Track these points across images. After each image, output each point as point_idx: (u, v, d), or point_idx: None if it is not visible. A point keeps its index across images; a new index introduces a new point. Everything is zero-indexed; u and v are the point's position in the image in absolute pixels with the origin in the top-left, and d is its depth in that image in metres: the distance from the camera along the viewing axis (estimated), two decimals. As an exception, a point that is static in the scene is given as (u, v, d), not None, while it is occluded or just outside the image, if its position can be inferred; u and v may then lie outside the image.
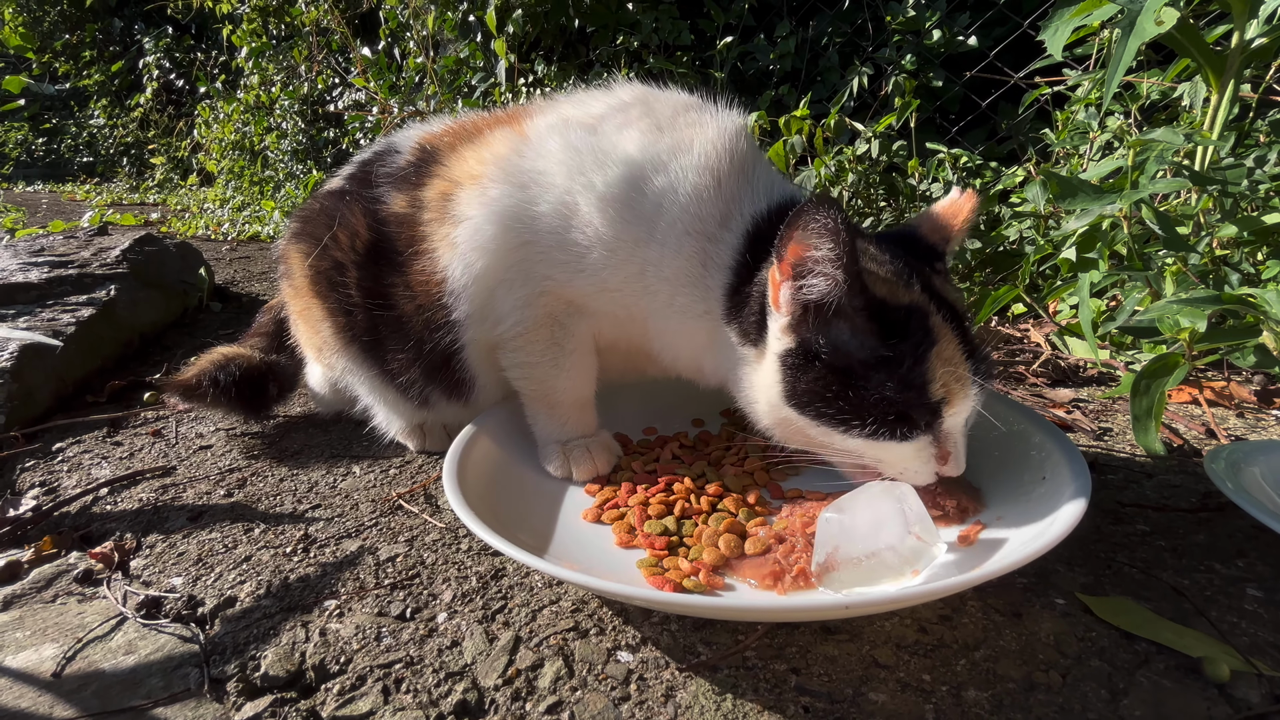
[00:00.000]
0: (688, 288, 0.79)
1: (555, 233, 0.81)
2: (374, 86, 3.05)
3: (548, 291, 0.84)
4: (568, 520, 0.81)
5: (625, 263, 0.80)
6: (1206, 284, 1.15)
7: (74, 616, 0.74)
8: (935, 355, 0.66)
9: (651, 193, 0.79)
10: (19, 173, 7.67)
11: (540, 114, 0.89)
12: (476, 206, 0.84)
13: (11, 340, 1.27)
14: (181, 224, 3.64)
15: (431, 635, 0.67)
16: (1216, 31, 1.27)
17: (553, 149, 0.82)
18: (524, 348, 0.87)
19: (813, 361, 0.68)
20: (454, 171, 0.89)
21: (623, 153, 0.80)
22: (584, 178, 0.80)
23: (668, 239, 0.78)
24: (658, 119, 0.83)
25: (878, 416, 0.67)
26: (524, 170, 0.83)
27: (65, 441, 1.17)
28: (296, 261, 1.02)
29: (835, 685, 0.59)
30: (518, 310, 0.85)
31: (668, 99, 0.86)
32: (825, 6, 2.39)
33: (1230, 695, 0.56)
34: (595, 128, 0.83)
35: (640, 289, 0.81)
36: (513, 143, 0.86)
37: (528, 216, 0.82)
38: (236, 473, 1.04)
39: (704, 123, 0.82)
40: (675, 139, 0.81)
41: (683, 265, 0.78)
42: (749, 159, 0.82)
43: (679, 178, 0.78)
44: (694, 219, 0.78)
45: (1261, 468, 0.79)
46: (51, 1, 6.71)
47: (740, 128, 0.83)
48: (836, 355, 0.67)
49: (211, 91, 4.65)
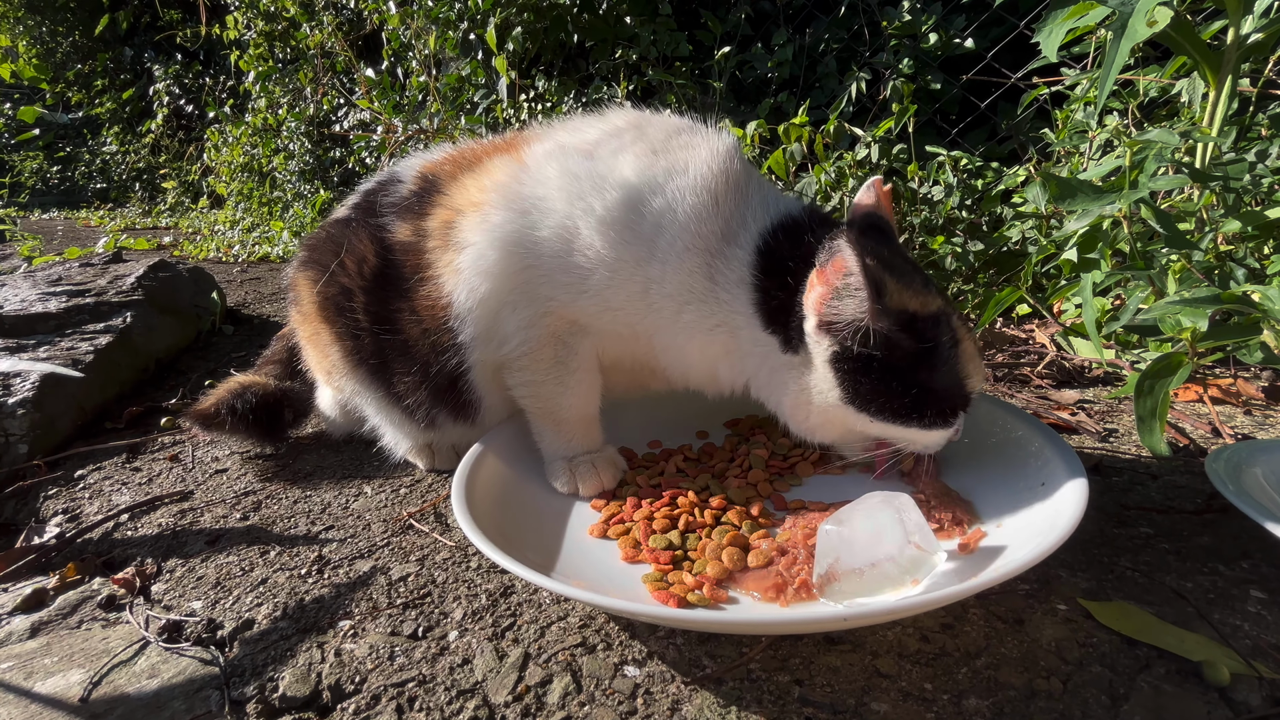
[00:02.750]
0: (694, 303, 0.81)
1: (558, 256, 0.83)
2: (378, 106, 3.09)
3: (551, 312, 0.86)
4: (574, 536, 0.82)
5: (627, 282, 0.82)
6: (1211, 281, 1.15)
7: (99, 642, 0.77)
8: (963, 353, 0.75)
9: (650, 214, 0.81)
10: (35, 200, 7.82)
11: (537, 141, 0.91)
12: (479, 233, 0.86)
13: (34, 371, 1.31)
14: (193, 247, 3.70)
15: (443, 653, 0.69)
16: (1213, 27, 1.28)
17: (551, 175, 0.85)
18: (529, 367, 0.89)
19: (869, 365, 0.74)
20: (456, 200, 0.91)
21: (620, 177, 0.82)
22: (583, 202, 0.82)
23: (668, 257, 0.80)
24: (652, 143, 0.85)
25: (930, 410, 0.75)
26: (524, 196, 0.85)
27: (86, 469, 1.20)
28: (305, 288, 1.05)
29: (838, 696, 0.60)
30: (522, 331, 0.87)
31: (660, 122, 0.89)
32: (822, 13, 2.41)
33: (1230, 699, 0.57)
34: (591, 153, 0.85)
35: (644, 306, 0.83)
36: (512, 170, 0.88)
37: (530, 241, 0.84)
38: (252, 495, 1.06)
39: (696, 144, 0.85)
40: (670, 161, 0.83)
41: (685, 281, 0.81)
42: (743, 176, 0.84)
43: (676, 198, 0.81)
44: (694, 237, 0.80)
45: (1263, 468, 0.79)
46: (64, 33, 6.86)
47: (731, 147, 0.85)
48: (890, 358, 0.74)
49: (220, 116, 4.73)
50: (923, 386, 0.74)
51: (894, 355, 0.73)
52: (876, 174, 1.83)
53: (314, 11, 3.73)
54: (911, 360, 0.73)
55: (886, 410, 0.75)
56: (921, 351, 0.73)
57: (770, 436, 0.98)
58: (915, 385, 0.74)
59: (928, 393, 0.74)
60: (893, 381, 0.74)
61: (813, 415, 0.80)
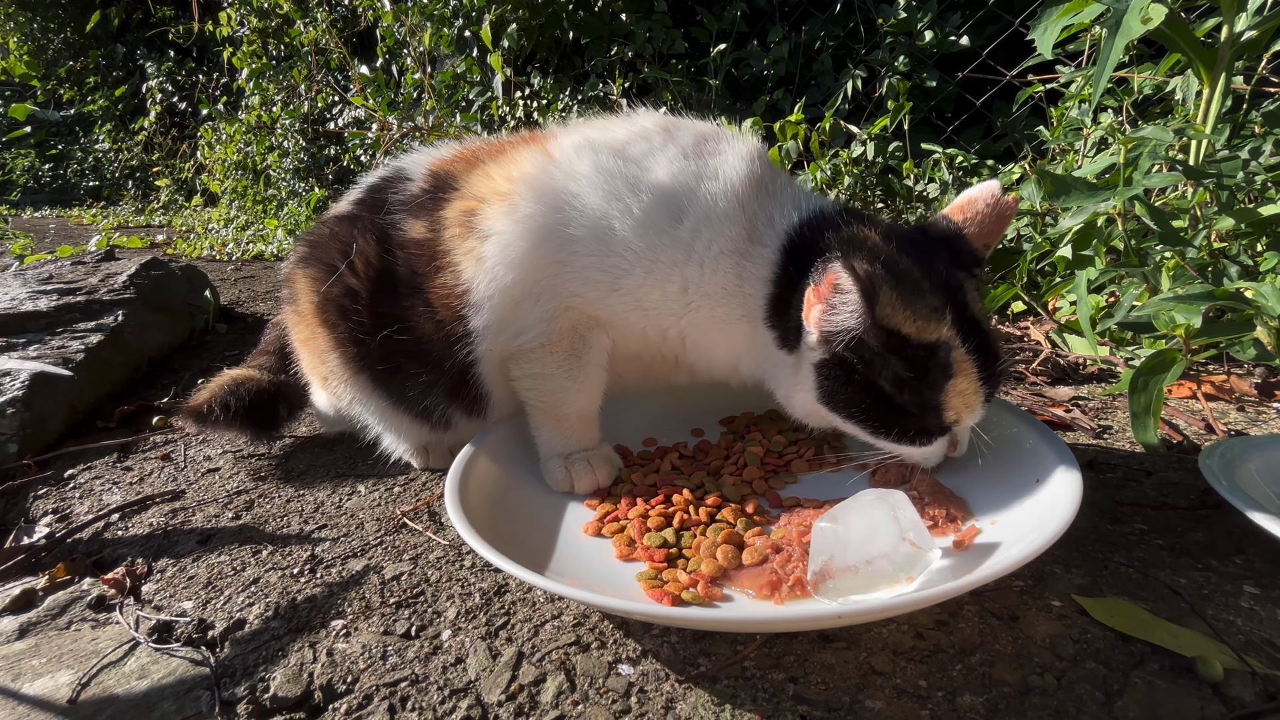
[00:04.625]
0: (726, 299, 0.84)
1: (592, 255, 0.84)
2: (373, 104, 3.08)
3: (574, 308, 0.87)
4: (569, 534, 0.82)
5: (665, 281, 0.84)
6: (1205, 278, 1.15)
7: (88, 642, 0.76)
8: (951, 388, 0.74)
9: (687, 218, 0.83)
10: (26, 199, 7.77)
11: (564, 135, 0.91)
12: (507, 222, 0.85)
13: (23, 370, 1.30)
14: (187, 245, 3.68)
15: (436, 653, 0.68)
16: (1206, 25, 1.28)
17: (584, 171, 0.85)
18: (541, 359, 0.89)
19: (848, 375, 0.76)
20: (478, 189, 0.90)
21: (655, 179, 0.84)
22: (621, 203, 0.83)
23: (705, 258, 0.83)
24: (682, 147, 0.86)
25: (900, 428, 0.77)
26: (555, 191, 0.85)
27: (77, 468, 1.19)
28: (303, 286, 1.02)
29: (832, 693, 0.59)
30: (542, 323, 0.87)
31: (689, 127, 0.90)
32: (817, 10, 2.41)
33: (1224, 694, 0.57)
34: (622, 152, 0.86)
35: (681, 306, 0.85)
36: (540, 163, 0.88)
37: (563, 238, 0.84)
38: (244, 495, 1.06)
39: (724, 151, 0.86)
40: (701, 166, 0.85)
41: (721, 281, 0.83)
42: (769, 179, 0.87)
43: (709, 203, 0.83)
44: (727, 240, 0.83)
45: (1257, 464, 0.79)
46: (55, 30, 6.81)
47: (757, 151, 0.88)
48: (866, 374, 0.75)
49: (213, 113, 4.71)
50: (895, 406, 0.75)
51: (876, 371, 0.75)
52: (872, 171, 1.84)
53: (308, 8, 3.71)
54: (890, 381, 0.74)
55: (860, 420, 0.78)
56: (907, 375, 0.73)
57: (765, 434, 0.98)
58: (887, 404, 0.75)
59: (903, 414, 0.76)
60: (868, 397, 0.76)
61: (798, 407, 0.84)
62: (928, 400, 0.74)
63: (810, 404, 0.81)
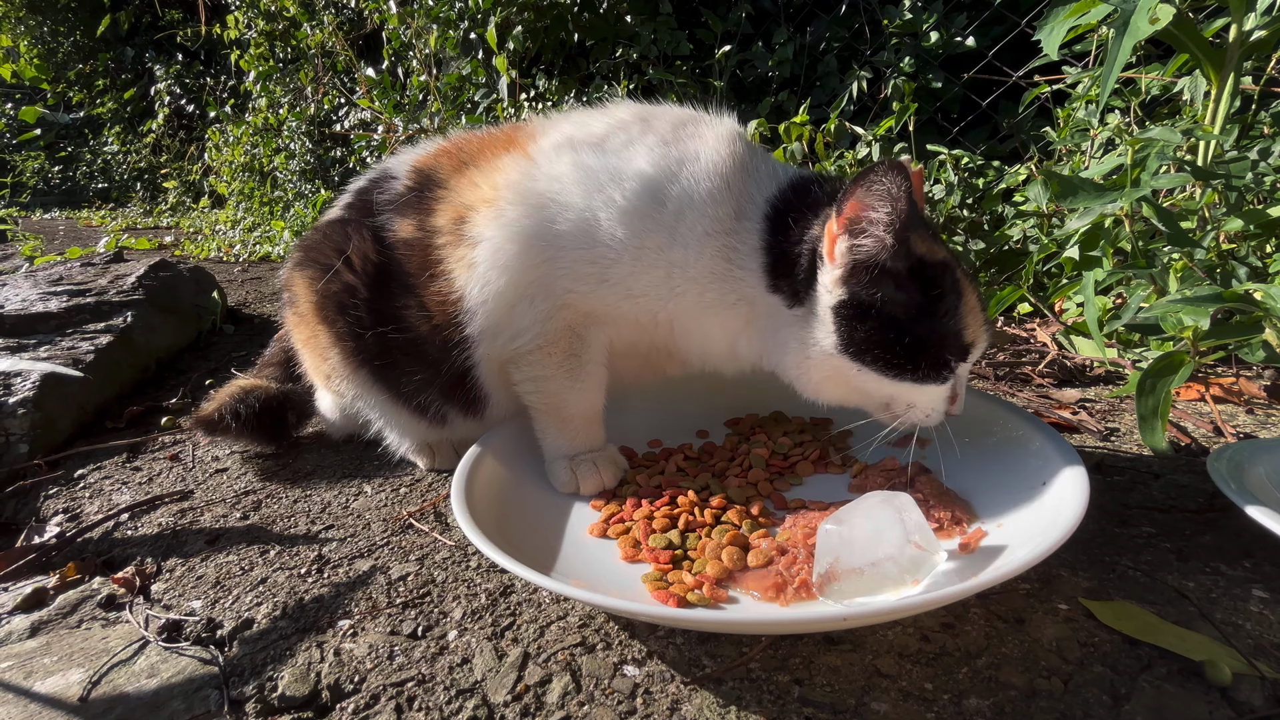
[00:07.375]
0: (716, 283, 0.84)
1: (580, 248, 0.84)
2: (379, 106, 3.09)
3: (569, 305, 0.87)
4: (574, 535, 0.82)
5: (651, 268, 0.84)
6: (1213, 279, 1.15)
7: (98, 641, 0.76)
8: (964, 305, 0.77)
9: (670, 201, 0.83)
10: (36, 200, 7.83)
11: (542, 135, 0.91)
12: (495, 227, 0.86)
13: (34, 371, 1.31)
14: (194, 246, 3.70)
15: (442, 653, 0.69)
16: (1215, 25, 1.27)
17: (564, 170, 0.86)
18: (540, 361, 0.89)
19: (867, 312, 0.76)
20: (465, 197, 0.91)
21: (636, 168, 0.84)
22: (603, 194, 0.84)
23: (689, 241, 0.83)
24: (660, 134, 0.87)
25: (923, 361, 0.76)
26: (538, 192, 0.86)
27: (86, 468, 1.20)
28: (302, 288, 1.04)
29: (838, 696, 0.59)
30: (538, 324, 0.88)
31: (665, 113, 0.90)
32: (822, 11, 2.40)
33: (1232, 699, 0.56)
34: (601, 146, 0.86)
35: (667, 291, 0.85)
36: (523, 168, 0.88)
37: (550, 235, 0.85)
38: (252, 495, 1.06)
39: (702, 134, 0.87)
40: (681, 150, 0.85)
41: (707, 264, 0.84)
42: (747, 156, 0.87)
43: (692, 185, 0.83)
44: (711, 220, 0.83)
45: (1266, 467, 0.79)
46: (65, 33, 6.87)
47: (734, 131, 0.88)
48: (886, 307, 0.75)
49: (221, 115, 4.74)
50: (917, 336, 0.75)
51: (895, 303, 0.75)
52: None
53: (314, 11, 3.73)
54: (911, 308, 0.75)
55: (880, 361, 0.76)
56: (924, 299, 0.75)
57: (770, 436, 0.98)
58: (910, 335, 0.75)
59: (922, 342, 0.76)
60: (889, 331, 0.76)
61: (813, 370, 0.82)
62: (947, 324, 0.76)
63: (824, 362, 0.80)
